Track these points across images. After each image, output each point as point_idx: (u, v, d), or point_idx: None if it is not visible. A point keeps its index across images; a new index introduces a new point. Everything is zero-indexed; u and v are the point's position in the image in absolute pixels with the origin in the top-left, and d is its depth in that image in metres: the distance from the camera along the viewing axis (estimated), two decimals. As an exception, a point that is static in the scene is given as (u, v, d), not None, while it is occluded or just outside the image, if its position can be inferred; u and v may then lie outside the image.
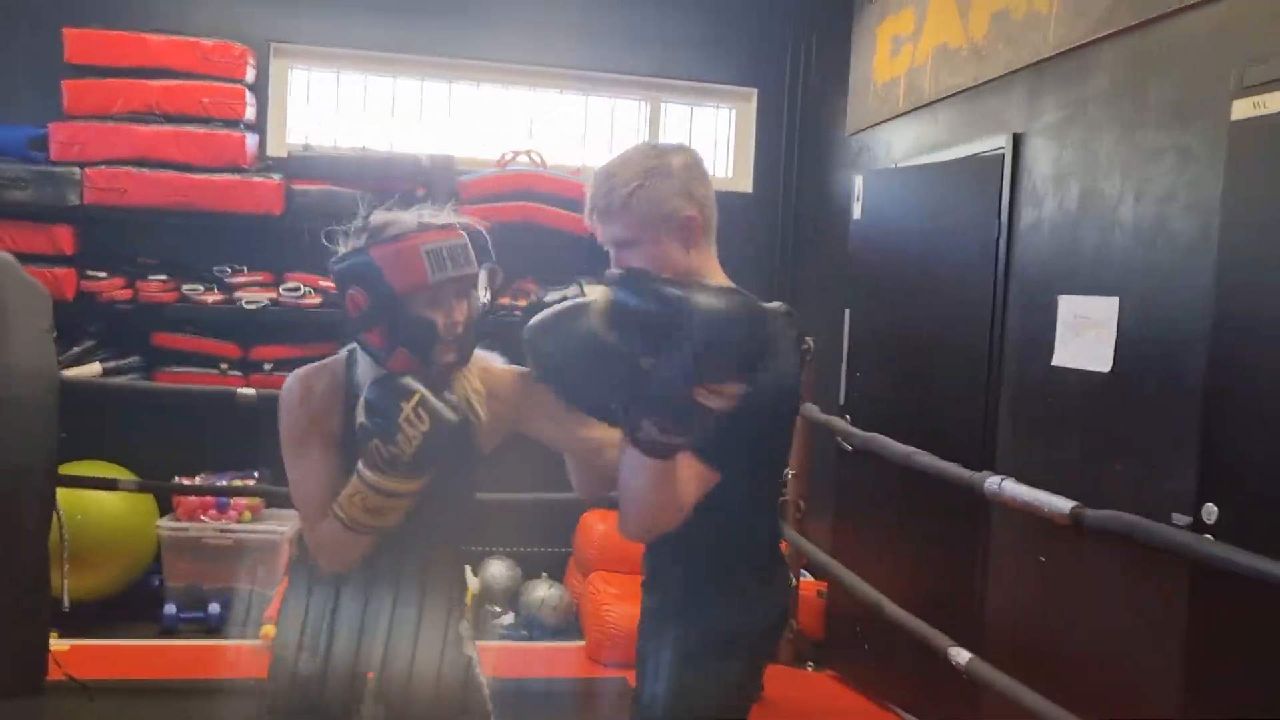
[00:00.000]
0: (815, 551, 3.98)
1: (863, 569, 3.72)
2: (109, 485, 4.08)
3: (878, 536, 4.06)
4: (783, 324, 2.10)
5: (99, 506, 4.16)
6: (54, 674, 3.67)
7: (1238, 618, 2.39)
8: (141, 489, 4.24)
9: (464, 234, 1.96)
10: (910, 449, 3.03)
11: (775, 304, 3.59)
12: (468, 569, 4.89)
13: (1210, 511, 2.47)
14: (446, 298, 1.89)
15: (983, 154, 3.63)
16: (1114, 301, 2.94)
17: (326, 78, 5.06)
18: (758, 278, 5.31)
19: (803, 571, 4.49)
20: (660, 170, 1.85)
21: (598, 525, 4.83)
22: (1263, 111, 2.40)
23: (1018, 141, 3.45)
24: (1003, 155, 3.51)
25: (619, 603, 4.37)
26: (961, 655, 2.59)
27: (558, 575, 5.02)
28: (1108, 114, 3.03)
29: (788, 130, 5.27)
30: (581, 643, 4.49)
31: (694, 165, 1.90)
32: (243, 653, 4.12)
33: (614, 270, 1.77)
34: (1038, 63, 3.35)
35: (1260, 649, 2.35)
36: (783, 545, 2.33)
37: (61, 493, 3.71)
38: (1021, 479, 3.17)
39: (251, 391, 3.91)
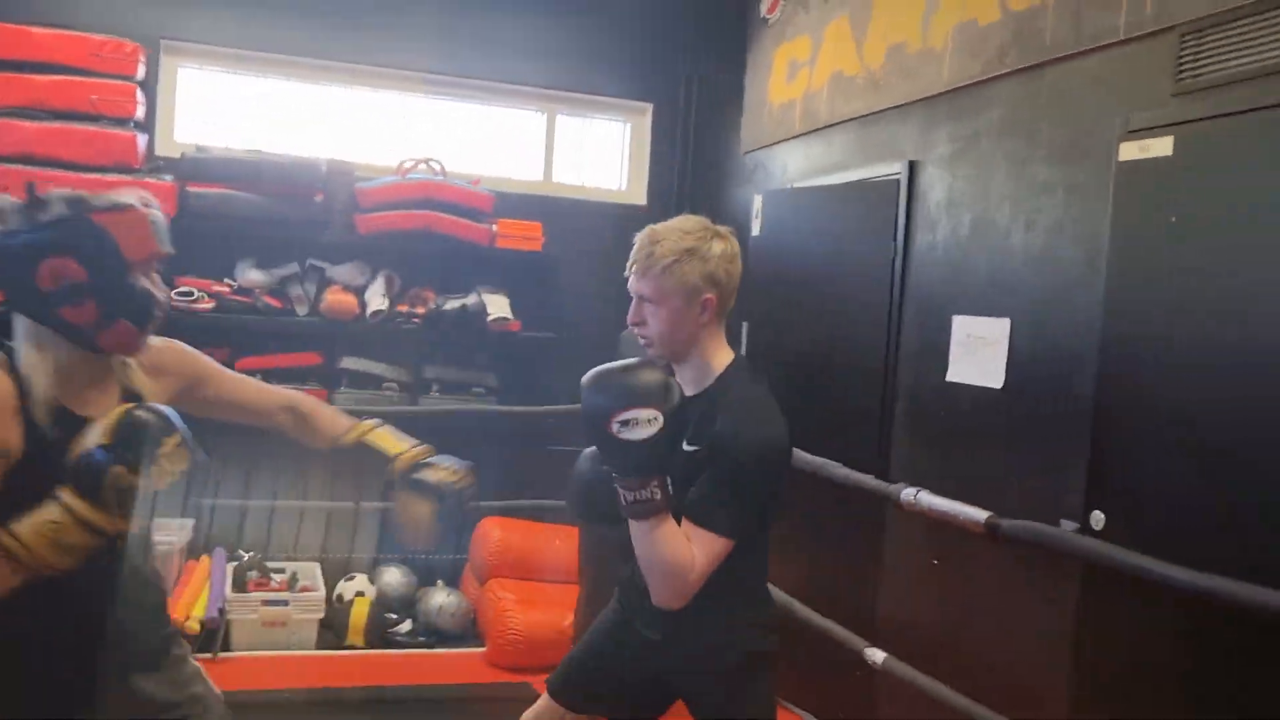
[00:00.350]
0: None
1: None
2: None
3: (778, 542, 4.22)
4: (746, 377, 2.24)
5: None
6: None
7: (1123, 616, 2.62)
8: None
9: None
10: (823, 460, 3.19)
11: (738, 357, 3.75)
12: (364, 576, 4.87)
13: (1098, 519, 2.71)
14: (153, 274, 1.90)
15: (879, 178, 3.84)
16: (1006, 322, 3.17)
17: (218, 78, 4.96)
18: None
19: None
20: (699, 253, 2.12)
21: (494, 532, 4.87)
22: (1148, 155, 2.64)
23: (913, 169, 3.67)
24: (898, 180, 3.71)
25: (520, 609, 4.43)
26: (877, 655, 2.75)
27: (453, 582, 5.04)
28: (1000, 148, 3.26)
29: (682, 145, 5.41)
30: (481, 649, 4.53)
31: (730, 253, 2.17)
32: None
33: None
34: (932, 96, 3.57)
35: (1143, 646, 2.58)
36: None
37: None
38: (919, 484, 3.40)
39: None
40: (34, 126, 4.23)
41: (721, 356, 2.19)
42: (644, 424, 1.96)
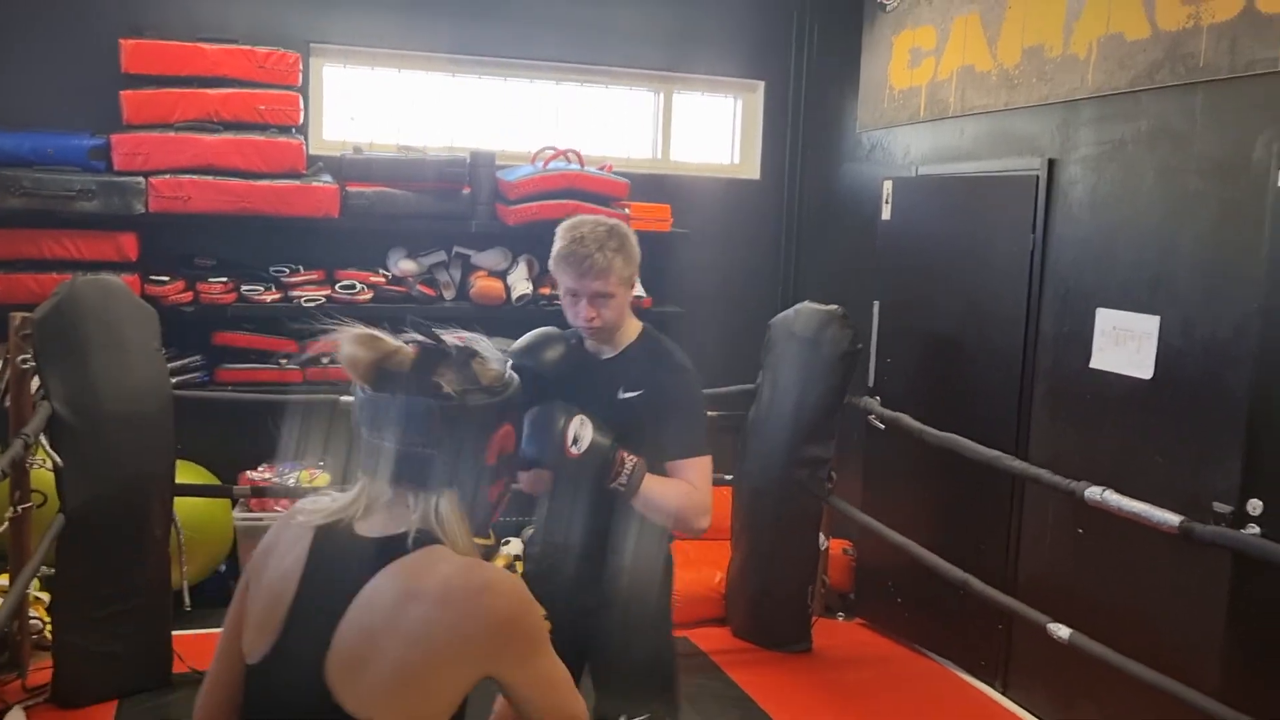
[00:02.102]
0: (852, 510, 4.48)
1: (892, 529, 4.23)
2: (223, 493, 4.31)
3: (905, 503, 4.59)
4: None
5: (182, 504, 4.35)
6: (178, 667, 3.95)
7: (1277, 600, 2.97)
8: (256, 494, 4.47)
9: None
10: (997, 453, 3.53)
11: (833, 307, 4.08)
12: (516, 540, 5.25)
13: (1255, 505, 3.04)
14: None
15: (1015, 173, 4.10)
16: (1155, 319, 3.47)
17: (359, 75, 5.21)
18: (763, 260, 5.74)
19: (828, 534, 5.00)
20: (628, 248, 2.49)
21: (634, 495, 5.25)
22: (1308, 182, 2.91)
23: (1053, 166, 3.93)
24: (1037, 176, 3.98)
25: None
26: (1062, 631, 3.11)
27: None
28: (1150, 156, 3.52)
29: (793, 121, 5.65)
30: (633, 605, 4.93)
31: (635, 238, 2.54)
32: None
33: None
34: (1074, 100, 3.82)
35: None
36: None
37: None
38: (1055, 466, 3.74)
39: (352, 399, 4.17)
40: (210, 139, 4.51)
41: (632, 321, 2.58)
42: (583, 430, 2.32)
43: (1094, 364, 3.72)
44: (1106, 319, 3.68)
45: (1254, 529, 3.01)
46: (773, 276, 5.73)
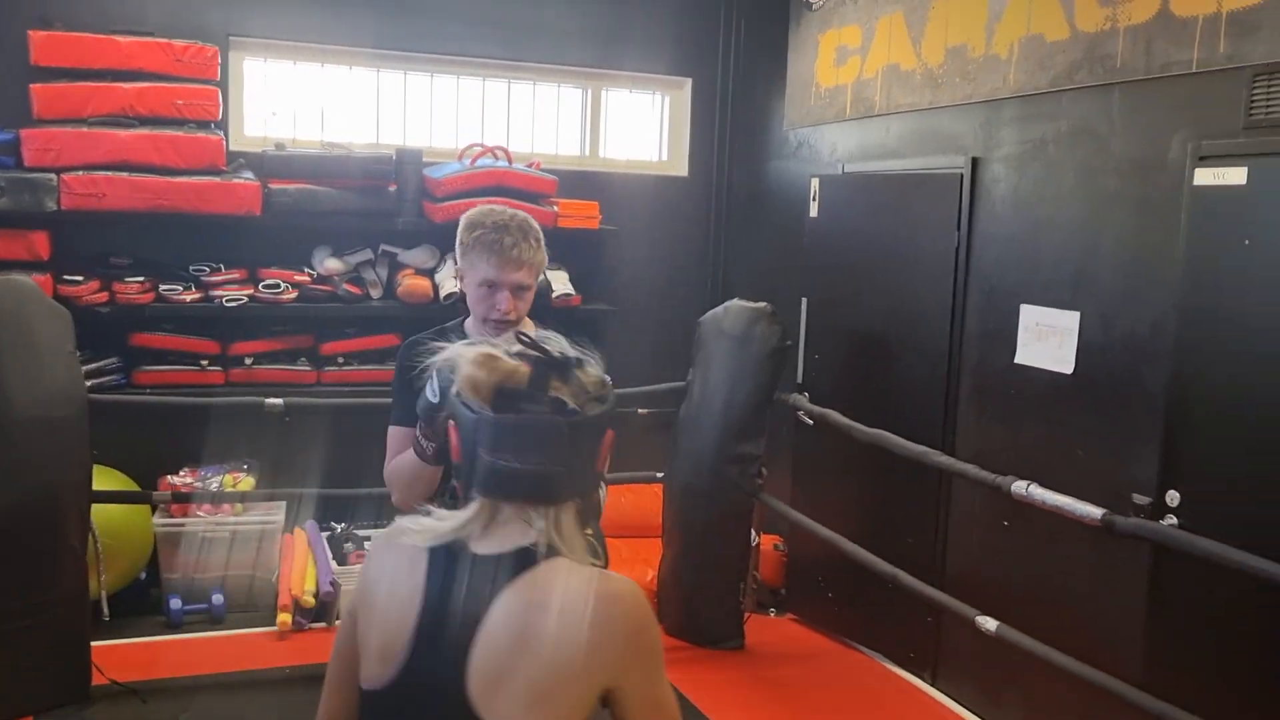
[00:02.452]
0: (782, 506, 4.51)
1: (822, 524, 4.27)
2: (142, 499, 4.19)
3: (835, 498, 4.64)
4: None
5: (99, 511, 4.22)
6: (97, 680, 3.84)
7: (1196, 590, 3.05)
8: (176, 500, 4.36)
9: None
10: (924, 449, 3.58)
11: (762, 304, 4.11)
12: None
13: (1174, 497, 3.12)
14: None
15: (940, 170, 4.15)
16: (1076, 315, 3.54)
17: (280, 70, 5.10)
18: (692, 257, 5.76)
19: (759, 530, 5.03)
20: (541, 238, 2.45)
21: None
22: (1222, 182, 2.99)
23: (976, 165, 3.99)
24: (961, 174, 4.04)
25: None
26: (989, 623, 3.16)
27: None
28: (1070, 156, 3.59)
29: (720, 118, 5.67)
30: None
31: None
32: (259, 641, 4.36)
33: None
34: (996, 100, 3.88)
35: (1214, 616, 3.02)
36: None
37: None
38: (982, 460, 3.81)
39: (279, 402, 4.10)
40: (127, 134, 4.39)
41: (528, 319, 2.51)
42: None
43: (1018, 359, 3.79)
44: (1030, 315, 3.75)
45: (1172, 520, 3.09)
46: (702, 273, 5.74)
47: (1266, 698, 2.88)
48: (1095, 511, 2.84)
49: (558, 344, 1.47)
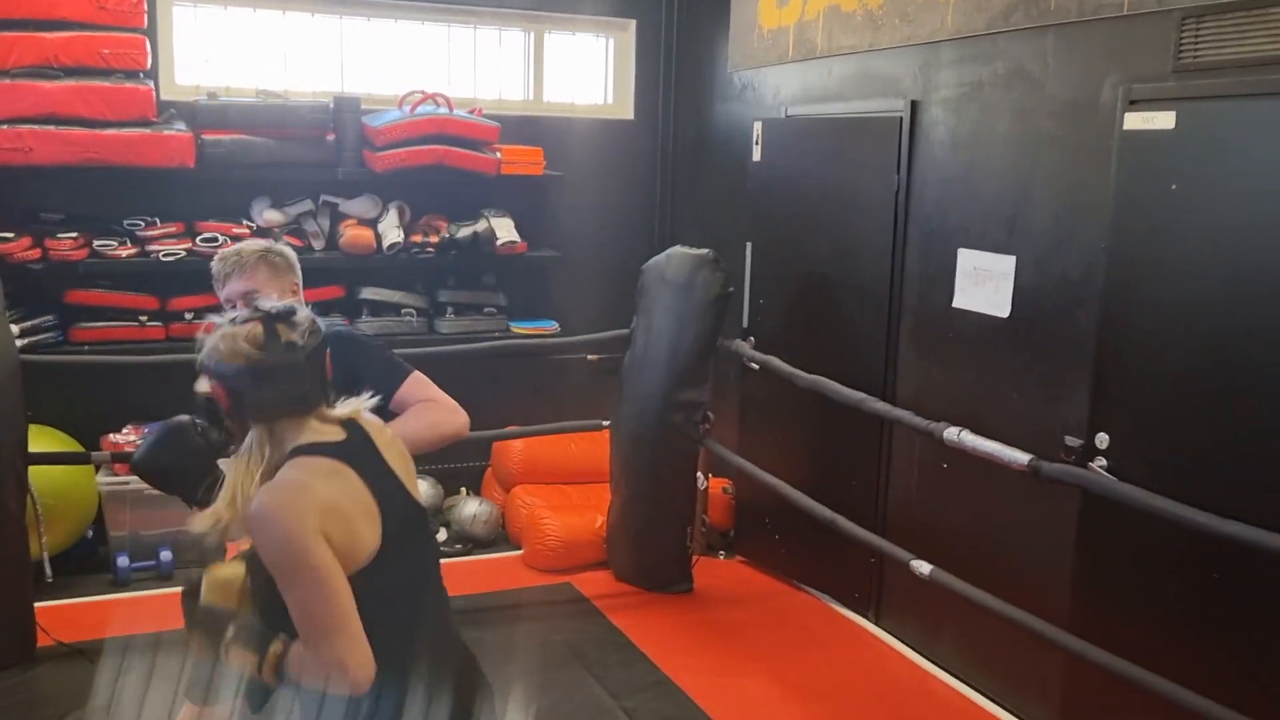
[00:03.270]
0: (726, 452, 4.54)
1: (767, 468, 4.32)
2: (81, 460, 4.15)
3: (780, 442, 4.68)
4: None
5: (41, 471, 4.19)
6: (42, 641, 3.83)
7: (1122, 533, 3.11)
8: (116, 460, 4.32)
9: None
10: (861, 395, 3.60)
11: (704, 251, 4.12)
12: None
13: (1103, 439, 3.17)
14: None
15: (880, 114, 4.13)
16: (1011, 259, 3.56)
17: (210, 15, 4.97)
18: (638, 202, 5.72)
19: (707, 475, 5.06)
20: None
21: (516, 443, 5.23)
22: (1151, 126, 3.00)
23: (915, 108, 3.97)
24: (900, 118, 4.02)
25: (555, 514, 4.84)
26: (924, 567, 3.22)
27: (476, 490, 5.42)
28: (1005, 98, 3.58)
29: (665, 61, 5.60)
30: (516, 553, 4.94)
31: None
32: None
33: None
34: (934, 42, 3.85)
35: (1139, 558, 3.08)
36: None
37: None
38: (921, 402, 3.85)
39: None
40: (51, 86, 4.27)
41: None
42: None
43: (956, 303, 3.80)
44: (967, 259, 3.76)
45: (1102, 461, 3.14)
46: (648, 218, 5.71)
47: (1187, 638, 2.95)
48: (1022, 457, 2.88)
49: (270, 303, 1.97)
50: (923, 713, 3.67)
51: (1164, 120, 2.97)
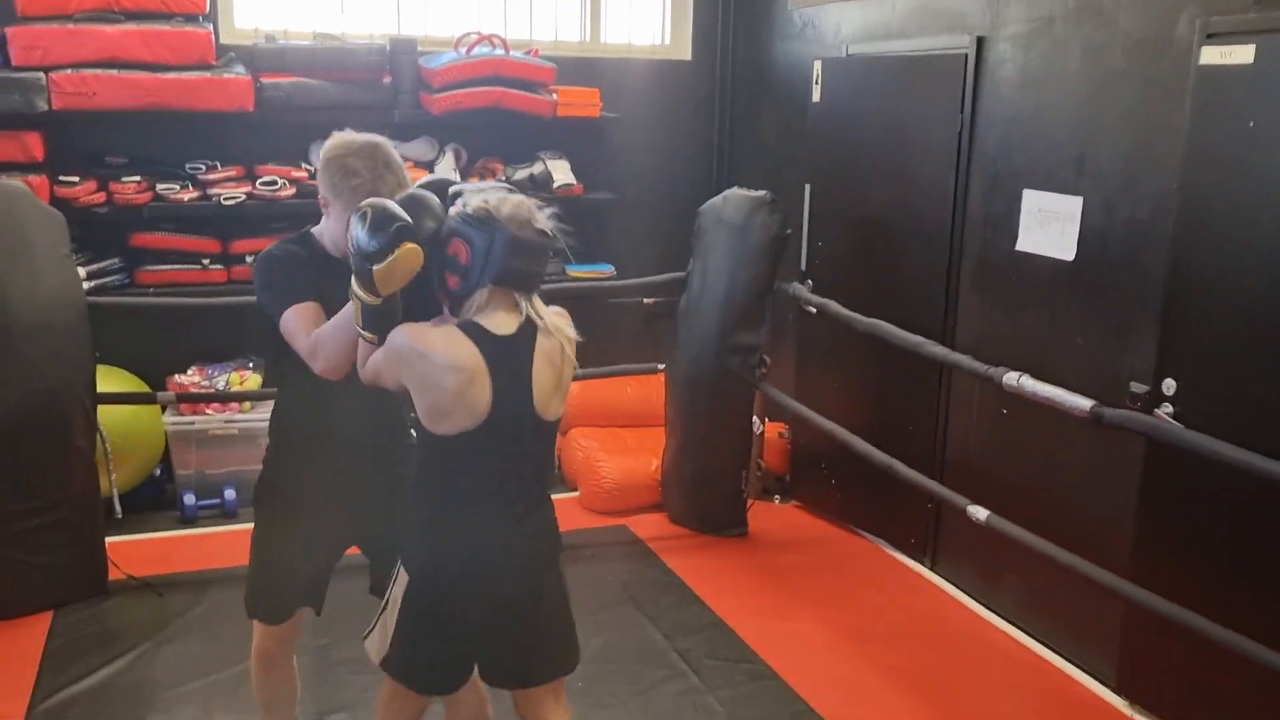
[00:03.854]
0: (783, 396, 4.51)
1: (824, 413, 4.29)
2: (147, 400, 4.25)
3: (837, 386, 4.63)
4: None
5: (109, 411, 4.27)
6: (114, 575, 3.95)
7: (1187, 481, 3.04)
8: (181, 400, 4.41)
9: None
10: (920, 339, 3.54)
11: (762, 193, 4.06)
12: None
13: (1170, 385, 3.09)
14: None
15: (944, 51, 4.02)
16: (1079, 200, 3.46)
17: (267, -43, 4.97)
18: (695, 144, 5.65)
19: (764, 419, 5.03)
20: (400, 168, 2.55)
21: (572, 385, 5.22)
22: (1229, 61, 2.88)
23: (981, 44, 3.86)
24: (965, 54, 3.90)
25: (610, 457, 4.86)
26: (980, 513, 3.18)
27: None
28: (1076, 34, 3.46)
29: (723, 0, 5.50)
30: (574, 494, 4.98)
31: None
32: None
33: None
34: (1003, -26, 3.73)
35: (1204, 508, 3.01)
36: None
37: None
38: (982, 348, 3.78)
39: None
40: (113, 30, 4.30)
41: None
42: None
43: (1019, 246, 3.72)
44: (1032, 200, 3.66)
45: (1168, 408, 3.06)
46: (705, 160, 5.64)
47: (1252, 589, 2.89)
48: (1084, 403, 2.82)
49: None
50: (978, 659, 3.65)
51: (1243, 54, 2.85)
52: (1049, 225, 3.59)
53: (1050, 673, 3.57)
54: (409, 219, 2.07)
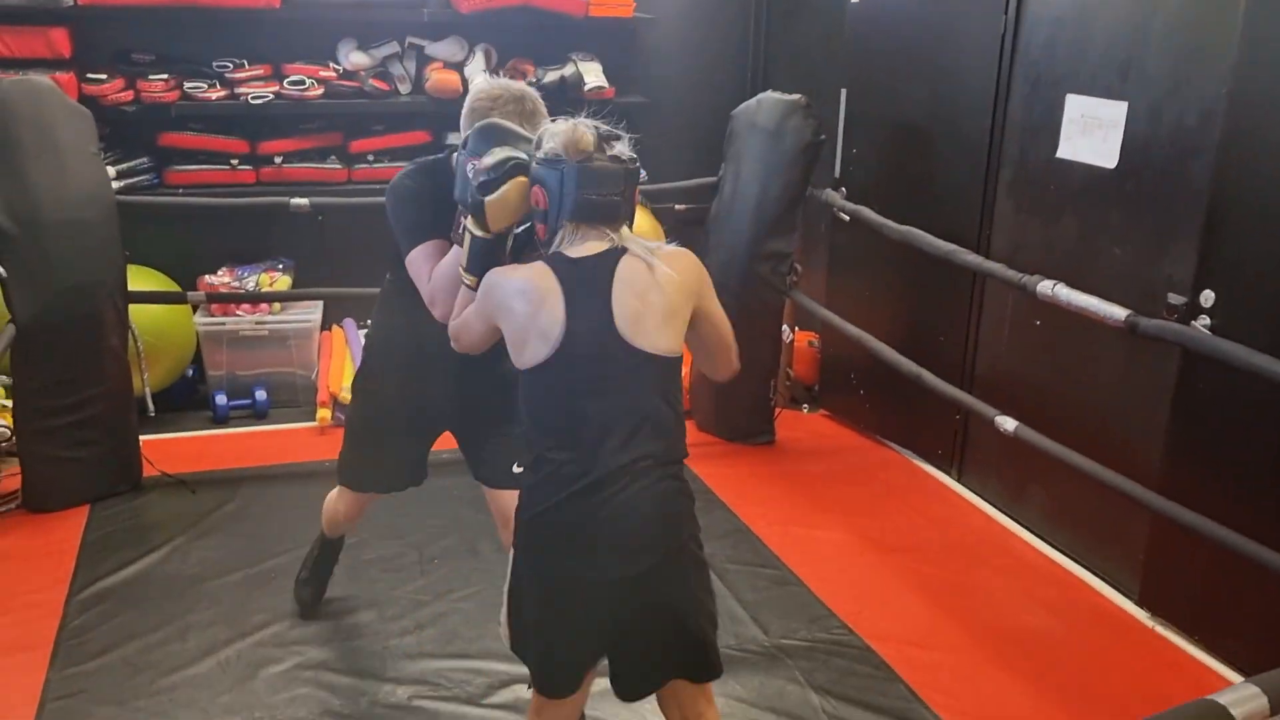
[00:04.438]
0: (813, 305, 4.47)
1: (855, 322, 4.25)
2: (178, 299, 4.27)
3: (868, 295, 4.58)
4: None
5: (141, 310, 4.29)
6: (148, 471, 4.02)
7: (1222, 395, 2.99)
8: (211, 300, 4.44)
9: None
10: (953, 247, 3.47)
11: (796, 96, 3.98)
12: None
13: (1208, 296, 3.02)
14: None
15: (989, -51, 3.87)
16: (1123, 105, 3.35)
17: None
18: (731, 46, 5.52)
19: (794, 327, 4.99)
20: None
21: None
22: (1288, -45, 2.75)
23: (1027, -59, 3.71)
24: (1010, -48, 3.76)
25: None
26: (1008, 423, 3.15)
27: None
28: (1126, -72, 3.32)
29: (761, -107, 5.32)
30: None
31: None
32: (300, 436, 4.51)
33: None
34: None
35: (1238, 422, 2.96)
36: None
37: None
38: (1017, 257, 3.71)
39: (305, 202, 4.09)
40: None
41: None
42: None
43: (1060, 153, 3.61)
44: (1075, 106, 3.55)
45: (1205, 320, 3.00)
46: (740, 63, 5.52)
47: (1283, 502, 2.87)
48: (1119, 312, 2.77)
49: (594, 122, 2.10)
50: (1000, 569, 3.66)
51: (1303, -51, 2.72)
52: (1091, 132, 3.49)
53: (1073, 584, 3.58)
54: (524, 156, 2.12)
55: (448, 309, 2.34)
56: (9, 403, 3.91)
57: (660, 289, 2.01)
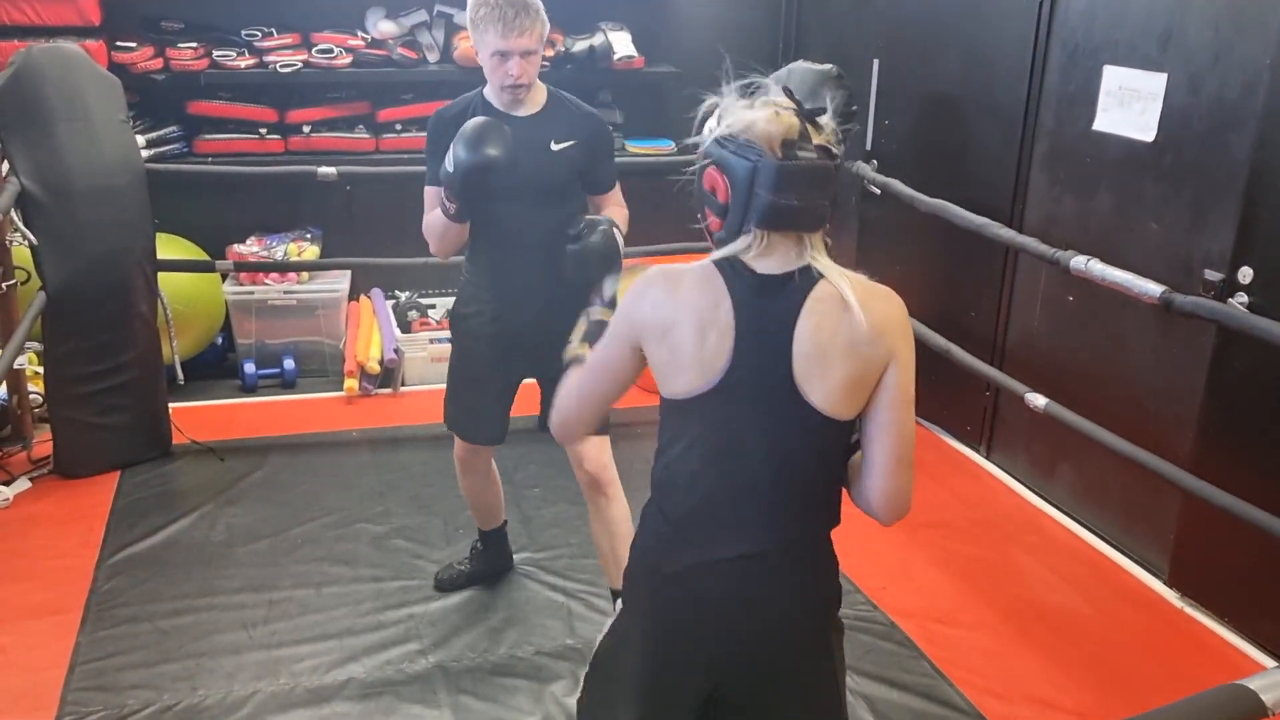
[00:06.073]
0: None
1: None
2: (206, 268, 4.29)
3: (899, 269, 4.52)
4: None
5: (170, 279, 4.30)
6: (177, 439, 4.05)
7: (1257, 373, 2.93)
8: (240, 269, 4.45)
9: None
10: (984, 220, 3.42)
11: (828, 66, 3.93)
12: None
13: (1246, 273, 2.96)
14: None
15: (1027, -85, 3.79)
16: (1162, 77, 3.28)
17: None
18: (763, 14, 5.45)
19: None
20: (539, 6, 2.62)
21: (635, 267, 5.19)
22: (1338, -77, 2.67)
23: (1066, -92, 3.63)
24: (1049, -80, 3.68)
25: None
26: (1038, 400, 3.11)
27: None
28: (1169, -105, 3.23)
29: None
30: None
31: None
32: (327, 405, 4.53)
33: None
34: None
35: (1274, 402, 2.91)
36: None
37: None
38: (1050, 232, 3.66)
39: (331, 171, 4.09)
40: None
41: (539, 82, 2.74)
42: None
43: (1096, 126, 3.55)
44: (1113, 77, 3.48)
45: (1242, 297, 2.94)
46: (771, 33, 5.45)
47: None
48: (1154, 289, 2.72)
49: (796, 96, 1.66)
50: (1028, 547, 3.62)
51: (1353, -84, 2.65)
52: (1129, 104, 3.42)
53: (1101, 563, 3.54)
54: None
55: (435, 247, 2.75)
56: (40, 369, 3.95)
57: (855, 337, 1.59)
